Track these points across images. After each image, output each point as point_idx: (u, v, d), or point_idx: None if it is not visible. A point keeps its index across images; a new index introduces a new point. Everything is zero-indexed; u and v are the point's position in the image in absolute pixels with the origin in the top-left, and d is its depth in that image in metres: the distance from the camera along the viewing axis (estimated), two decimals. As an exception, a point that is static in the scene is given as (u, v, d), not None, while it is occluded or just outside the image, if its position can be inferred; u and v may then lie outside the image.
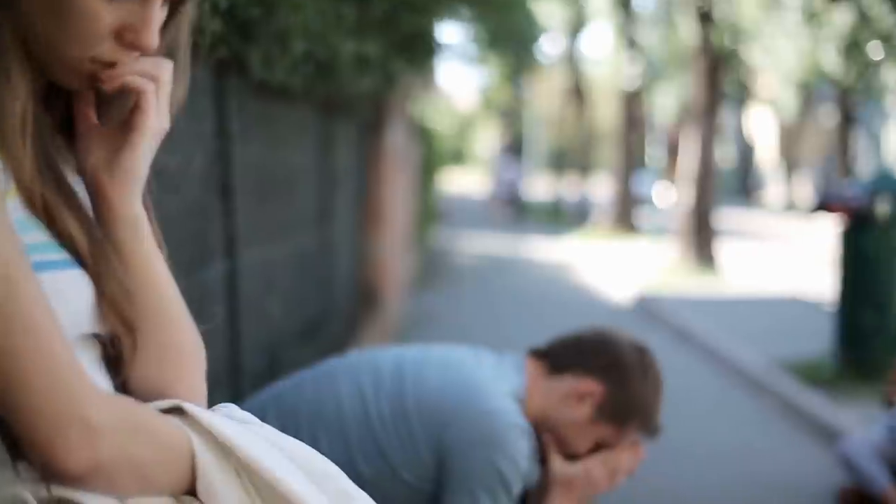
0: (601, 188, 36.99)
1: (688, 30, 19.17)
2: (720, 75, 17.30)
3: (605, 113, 39.24)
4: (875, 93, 35.21)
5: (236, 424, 1.41)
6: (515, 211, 36.22)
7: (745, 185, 44.20)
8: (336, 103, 6.47)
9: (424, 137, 16.96)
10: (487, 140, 62.31)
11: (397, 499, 2.57)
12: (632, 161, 25.25)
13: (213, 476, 1.36)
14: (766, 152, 44.45)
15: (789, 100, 36.10)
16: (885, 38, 28.10)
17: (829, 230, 24.77)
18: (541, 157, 47.34)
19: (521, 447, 2.58)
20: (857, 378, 8.44)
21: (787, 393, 8.61)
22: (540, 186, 46.80)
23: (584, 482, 2.76)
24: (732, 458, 6.93)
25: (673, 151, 34.96)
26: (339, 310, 7.03)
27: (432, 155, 19.27)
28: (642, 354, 2.81)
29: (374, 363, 2.72)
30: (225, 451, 1.36)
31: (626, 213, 25.16)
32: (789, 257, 20.61)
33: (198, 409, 1.39)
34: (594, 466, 2.77)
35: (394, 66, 6.12)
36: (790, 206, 39.34)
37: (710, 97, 16.99)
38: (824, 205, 8.92)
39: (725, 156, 32.41)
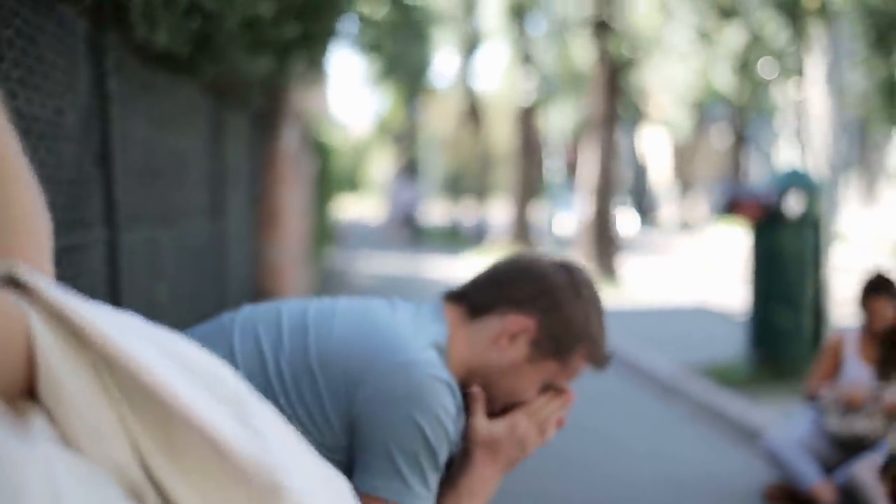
0: (499, 212, 36.84)
1: (584, 42, 19.07)
2: (618, 85, 17.16)
3: (502, 135, 39.21)
4: (766, 112, 35.68)
5: (97, 307, 1.02)
6: (412, 233, 35.89)
7: (640, 206, 44.37)
8: (227, 86, 6.12)
9: (320, 152, 16.57)
10: (382, 165, 62.12)
11: None
12: (530, 180, 25.08)
13: (60, 370, 0.98)
14: (660, 173, 44.70)
15: (683, 120, 36.39)
16: (777, 56, 28.45)
17: (728, 243, 24.96)
18: (437, 180, 47.17)
19: (445, 404, 2.17)
20: (772, 378, 8.24)
21: (701, 396, 8.35)
22: (436, 211, 46.59)
23: (511, 442, 2.35)
24: (652, 463, 6.64)
25: (571, 169, 34.99)
26: (234, 309, 6.63)
27: (328, 172, 18.88)
28: (571, 273, 2.38)
29: (271, 315, 2.29)
30: (79, 337, 0.98)
31: (524, 230, 24.98)
32: (691, 271, 20.53)
33: (41, 280, 1.00)
34: (520, 422, 2.34)
35: (288, 32, 5.75)
36: (685, 226, 39.54)
37: (609, 107, 16.83)
38: (734, 204, 8.69)
39: (621, 177, 32.44)
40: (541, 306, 2.33)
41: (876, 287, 5.84)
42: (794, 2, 22.37)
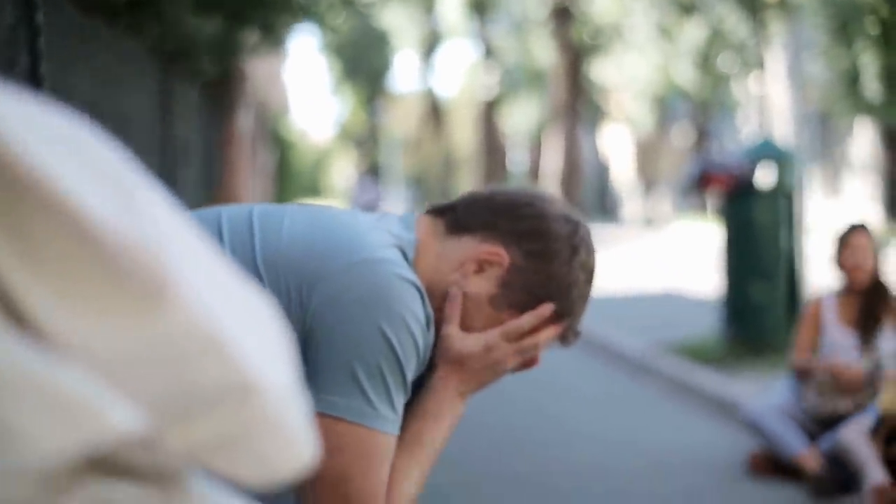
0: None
1: (545, 34, 18.85)
2: (580, 74, 16.93)
3: (464, 137, 38.99)
4: (728, 107, 35.57)
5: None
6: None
7: (602, 203, 44.24)
8: (175, 52, 5.83)
9: (279, 145, 16.26)
10: (345, 171, 61.85)
11: None
12: (494, 178, 24.86)
13: None
14: (623, 171, 44.57)
15: (644, 116, 36.26)
16: (738, 50, 28.37)
17: (694, 237, 24.79)
18: (399, 183, 46.90)
19: (414, 309, 1.85)
20: (747, 353, 8.01)
21: (675, 373, 8.11)
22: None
23: (483, 362, 2.02)
24: (628, 442, 6.38)
25: (535, 167, 34.78)
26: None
27: (287, 167, 18.57)
28: (576, 229, 2.04)
29: (208, 217, 1.98)
30: None
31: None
32: (658, 263, 20.32)
33: None
34: (498, 344, 2.01)
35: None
36: (649, 222, 39.39)
37: (571, 96, 16.60)
38: (705, 176, 8.45)
39: (582, 176, 32.29)
40: (528, 248, 2.00)
41: (854, 226, 5.64)
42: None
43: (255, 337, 0.82)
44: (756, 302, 8.09)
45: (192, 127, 7.00)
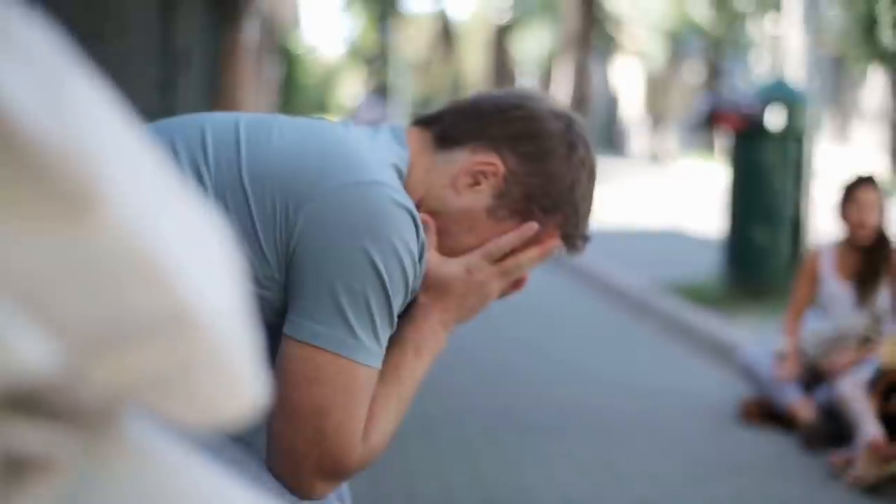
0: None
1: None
2: (594, 1, 16.68)
3: (475, 61, 38.65)
4: (741, 46, 35.21)
5: None
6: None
7: (610, 137, 43.99)
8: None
9: (286, 58, 16.06)
10: (353, 90, 61.49)
11: None
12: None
13: None
14: (632, 105, 44.24)
15: (656, 50, 35.92)
16: (755, -11, 28.04)
17: (700, 175, 24.58)
18: (408, 104, 46.61)
19: (406, 238, 1.72)
20: (747, 296, 7.91)
21: (673, 313, 8.01)
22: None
23: (466, 286, 1.89)
24: (623, 381, 6.30)
25: (545, 91, 34.52)
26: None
27: (294, 81, 18.36)
28: (570, 125, 1.92)
29: (190, 124, 1.84)
30: None
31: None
32: (661, 199, 20.18)
33: None
34: (479, 265, 1.89)
35: None
36: (655, 158, 39.11)
37: (585, 24, 16.35)
38: (714, 115, 8.30)
39: (593, 107, 31.97)
40: (522, 151, 1.87)
41: (861, 179, 5.49)
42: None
43: (200, 262, 0.70)
44: (759, 245, 7.98)
45: (194, 36, 6.85)
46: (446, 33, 33.39)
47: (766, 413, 5.40)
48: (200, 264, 0.70)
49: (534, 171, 1.89)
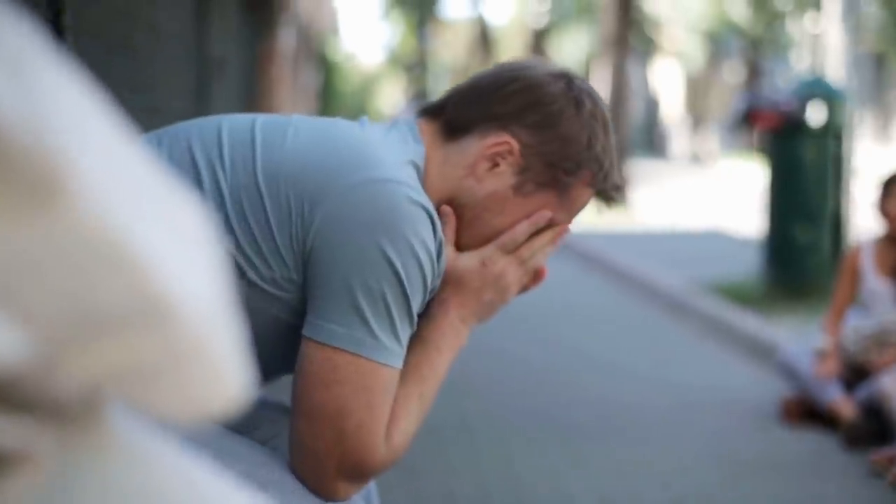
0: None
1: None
2: (632, 2, 16.61)
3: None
4: (781, 46, 35.03)
5: None
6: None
7: (651, 138, 43.87)
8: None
9: (324, 66, 16.10)
10: (393, 96, 61.61)
11: (241, 309, 1.73)
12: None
13: None
14: (672, 106, 44.10)
15: (696, 51, 35.79)
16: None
17: (741, 176, 24.45)
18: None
19: (424, 236, 1.69)
20: (787, 296, 7.84)
21: (713, 312, 7.95)
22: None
23: (483, 279, 1.88)
24: (662, 380, 6.25)
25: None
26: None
27: (333, 89, 18.41)
28: (570, 82, 1.90)
29: (208, 126, 1.84)
30: None
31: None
32: (702, 200, 20.09)
33: None
34: (494, 256, 1.88)
35: None
36: (696, 159, 38.96)
37: (622, 26, 16.28)
38: (751, 113, 8.24)
39: (631, 110, 31.84)
40: (530, 122, 1.86)
41: None
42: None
43: (179, 251, 0.68)
44: (799, 244, 7.91)
45: (229, 43, 6.87)
46: (484, 38, 33.37)
47: (806, 412, 5.34)
48: (179, 253, 0.68)
49: (547, 138, 1.87)
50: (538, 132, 1.87)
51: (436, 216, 1.75)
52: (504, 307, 1.96)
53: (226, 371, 0.71)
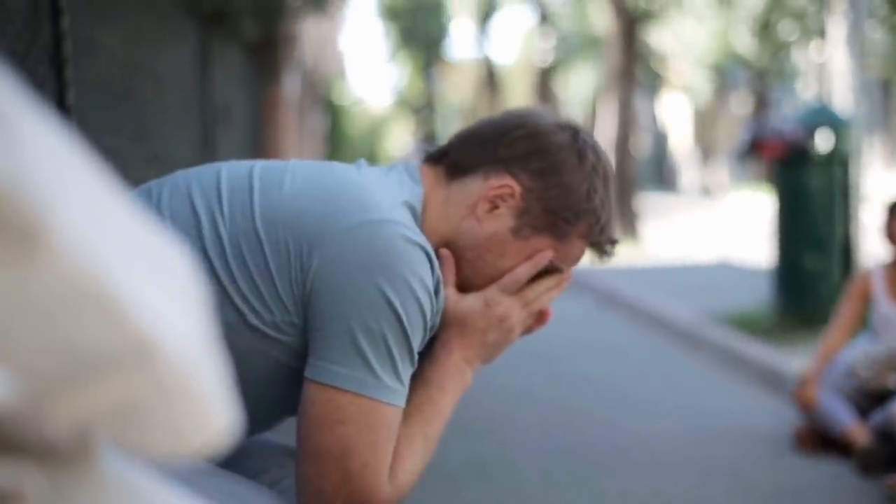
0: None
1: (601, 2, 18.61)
2: (635, 39, 16.68)
3: (520, 102, 38.75)
4: (788, 76, 35.05)
5: None
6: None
7: (660, 173, 43.89)
8: (215, 14, 5.75)
9: (331, 110, 16.18)
10: (401, 138, 61.76)
11: (244, 353, 1.76)
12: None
13: None
14: (680, 139, 44.14)
15: (703, 84, 35.84)
16: (798, 17, 27.93)
17: (750, 208, 24.44)
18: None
19: (421, 274, 1.71)
20: (799, 324, 7.82)
21: (725, 343, 7.94)
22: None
23: (486, 320, 1.90)
24: (675, 412, 6.25)
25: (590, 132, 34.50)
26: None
27: (340, 133, 18.50)
28: (575, 134, 1.94)
29: (207, 174, 1.87)
30: None
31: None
32: (712, 232, 20.10)
33: None
34: (497, 297, 1.90)
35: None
36: (706, 191, 38.95)
37: (626, 61, 16.35)
38: (756, 143, 8.25)
39: (640, 144, 31.84)
40: (533, 168, 1.88)
41: None
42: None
43: (162, 292, 0.71)
44: (809, 272, 7.90)
45: (234, 90, 6.92)
46: (491, 78, 33.52)
47: (820, 440, 5.33)
48: (161, 294, 0.70)
49: (549, 185, 1.90)
50: (541, 178, 1.90)
51: (433, 254, 1.77)
52: (508, 348, 1.98)
53: (212, 407, 0.73)
